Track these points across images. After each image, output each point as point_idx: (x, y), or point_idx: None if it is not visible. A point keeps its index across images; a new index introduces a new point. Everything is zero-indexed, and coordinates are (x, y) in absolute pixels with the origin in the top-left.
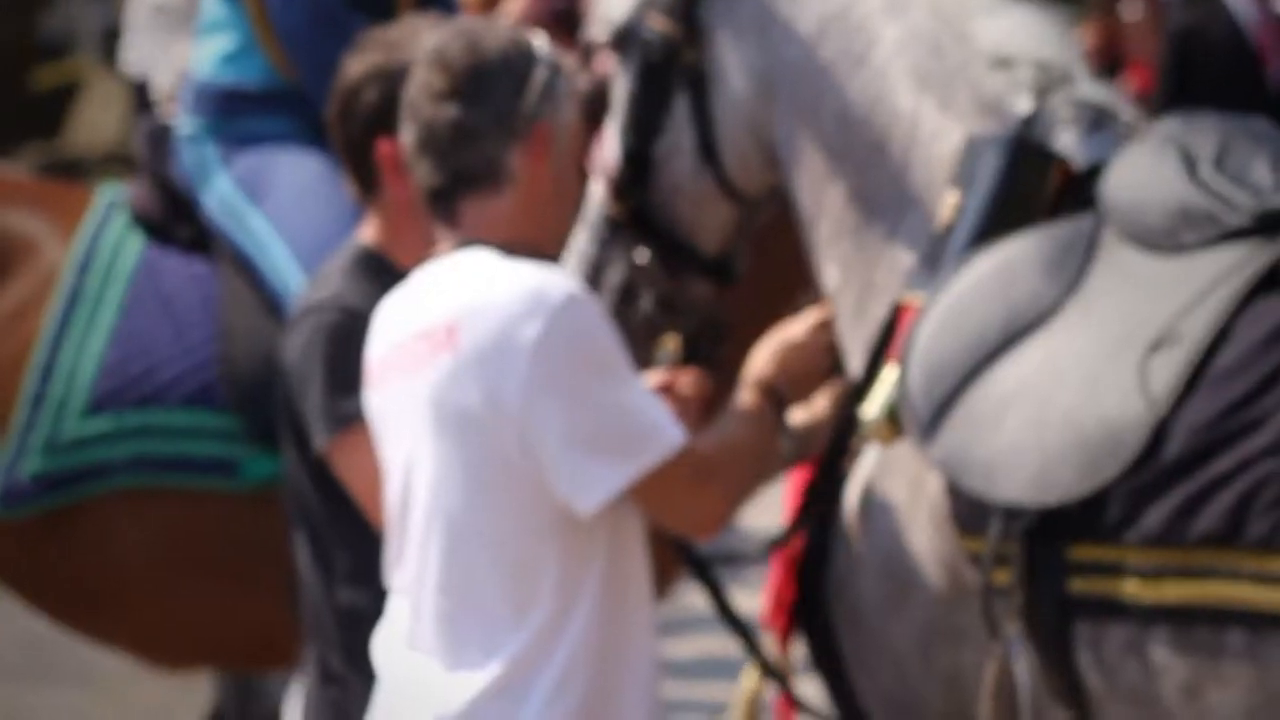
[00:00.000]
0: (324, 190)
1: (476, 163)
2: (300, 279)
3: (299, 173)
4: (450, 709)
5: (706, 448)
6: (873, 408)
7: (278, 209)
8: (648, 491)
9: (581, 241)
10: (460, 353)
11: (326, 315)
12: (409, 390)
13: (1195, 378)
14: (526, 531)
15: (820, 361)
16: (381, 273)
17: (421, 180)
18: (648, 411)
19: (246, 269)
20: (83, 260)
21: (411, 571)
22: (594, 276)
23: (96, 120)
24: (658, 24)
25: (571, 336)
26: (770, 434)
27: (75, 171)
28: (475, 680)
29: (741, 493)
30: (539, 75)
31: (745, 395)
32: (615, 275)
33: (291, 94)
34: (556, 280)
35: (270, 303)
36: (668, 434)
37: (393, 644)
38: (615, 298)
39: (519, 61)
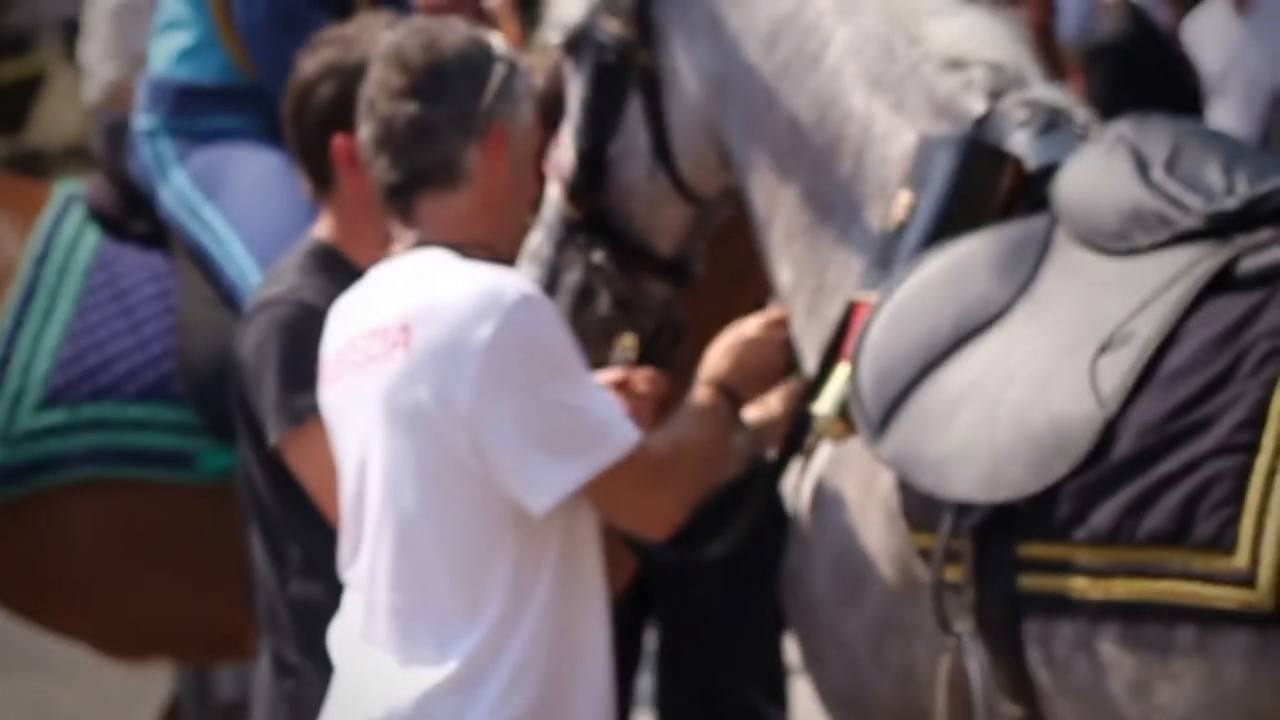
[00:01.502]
0: (280, 186)
1: (434, 161)
2: (256, 274)
3: (255, 168)
4: (403, 704)
5: (660, 447)
6: (825, 405)
7: (234, 204)
8: (601, 491)
9: (538, 243)
10: (413, 351)
11: (281, 310)
12: (362, 387)
13: (1145, 378)
14: (478, 530)
15: (776, 359)
16: (336, 268)
17: (378, 177)
18: (601, 411)
19: (202, 264)
20: (39, 254)
21: (365, 566)
22: (551, 278)
23: (59, 114)
24: (611, 26)
25: (524, 337)
26: (724, 432)
27: (37, 164)
28: (428, 676)
29: (695, 491)
30: (497, 74)
31: (700, 393)
32: (572, 276)
33: (248, 90)
34: (510, 281)
35: (226, 297)
36: (621, 434)
37: (346, 638)
38: (572, 299)
39: (477, 60)
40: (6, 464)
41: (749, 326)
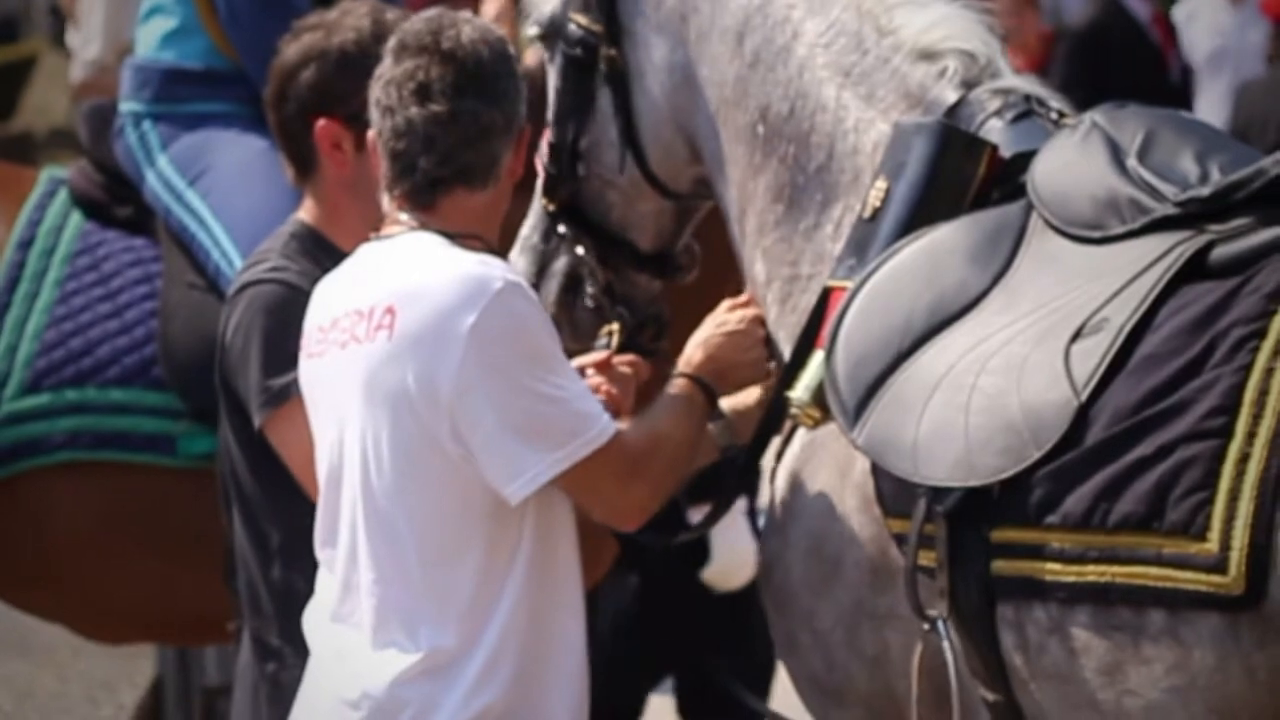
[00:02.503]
0: (263, 169)
1: (482, 160)
2: (239, 257)
3: (239, 152)
4: (377, 686)
5: (635, 439)
6: (800, 392)
7: (218, 188)
8: (576, 481)
9: (527, 232)
10: (397, 334)
11: (265, 291)
12: (344, 365)
13: (1119, 364)
14: (450, 516)
15: (753, 352)
16: (320, 250)
17: (422, 168)
18: (580, 402)
19: (185, 248)
20: (24, 238)
21: (342, 545)
22: (540, 266)
23: (47, 99)
24: (580, 20)
25: (506, 325)
26: (700, 423)
27: (25, 149)
28: (401, 660)
29: (669, 483)
30: (518, 70)
31: (675, 384)
32: (559, 265)
33: (233, 73)
34: (495, 269)
35: (209, 281)
36: (598, 425)
37: (321, 619)
38: (559, 288)
39: (511, 59)
40: None
41: (726, 319)
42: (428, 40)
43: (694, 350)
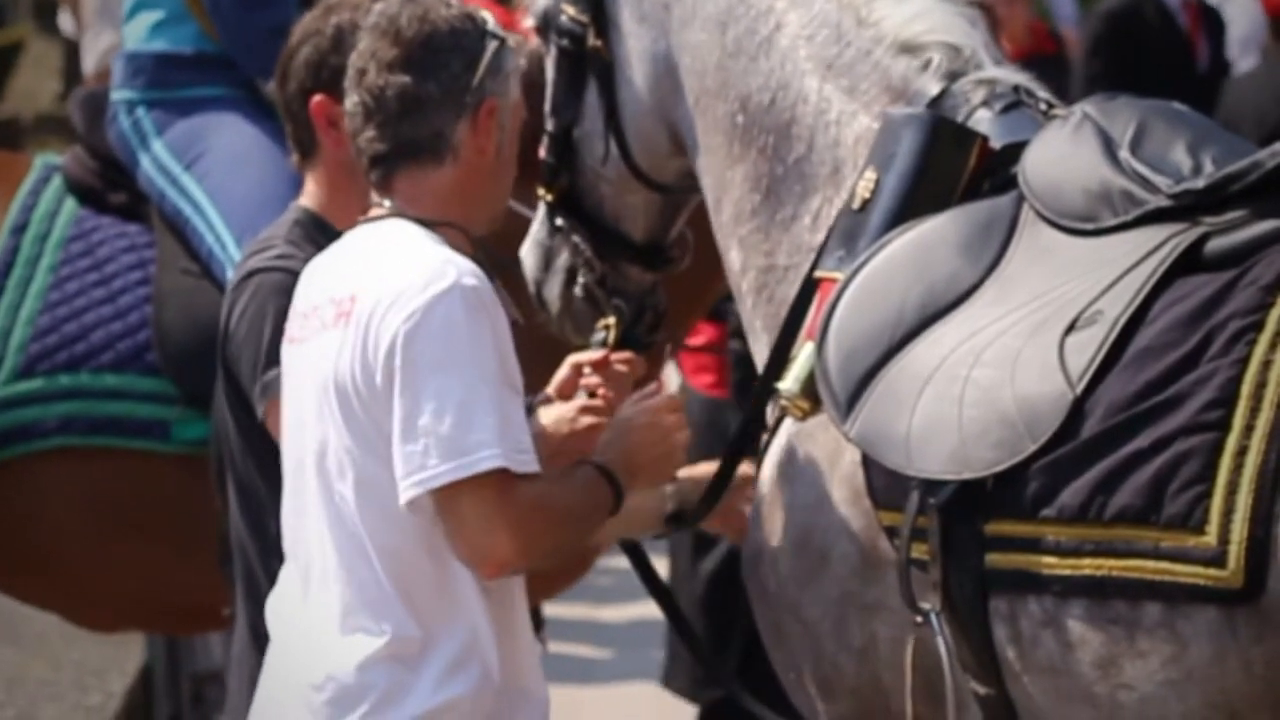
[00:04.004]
0: (259, 154)
1: (423, 134)
2: (234, 243)
3: (234, 137)
4: (343, 669)
5: (524, 491)
6: (788, 383)
7: (212, 173)
8: (445, 504)
9: (535, 226)
10: (352, 324)
11: (271, 279)
12: (311, 352)
13: (1114, 357)
14: (394, 513)
15: (669, 447)
16: (324, 236)
17: (363, 146)
18: (488, 424)
19: (180, 232)
20: (18, 224)
21: (310, 532)
22: (545, 260)
23: (33, 84)
24: (569, 10)
25: (443, 324)
26: (597, 509)
27: (11, 134)
28: (369, 644)
29: (541, 549)
30: (489, 50)
31: (583, 470)
32: (562, 259)
33: (225, 57)
34: (454, 268)
35: (202, 267)
36: (485, 456)
37: (284, 607)
38: (562, 284)
39: (470, 36)
40: None
41: (640, 414)
42: (385, 22)
43: (608, 440)
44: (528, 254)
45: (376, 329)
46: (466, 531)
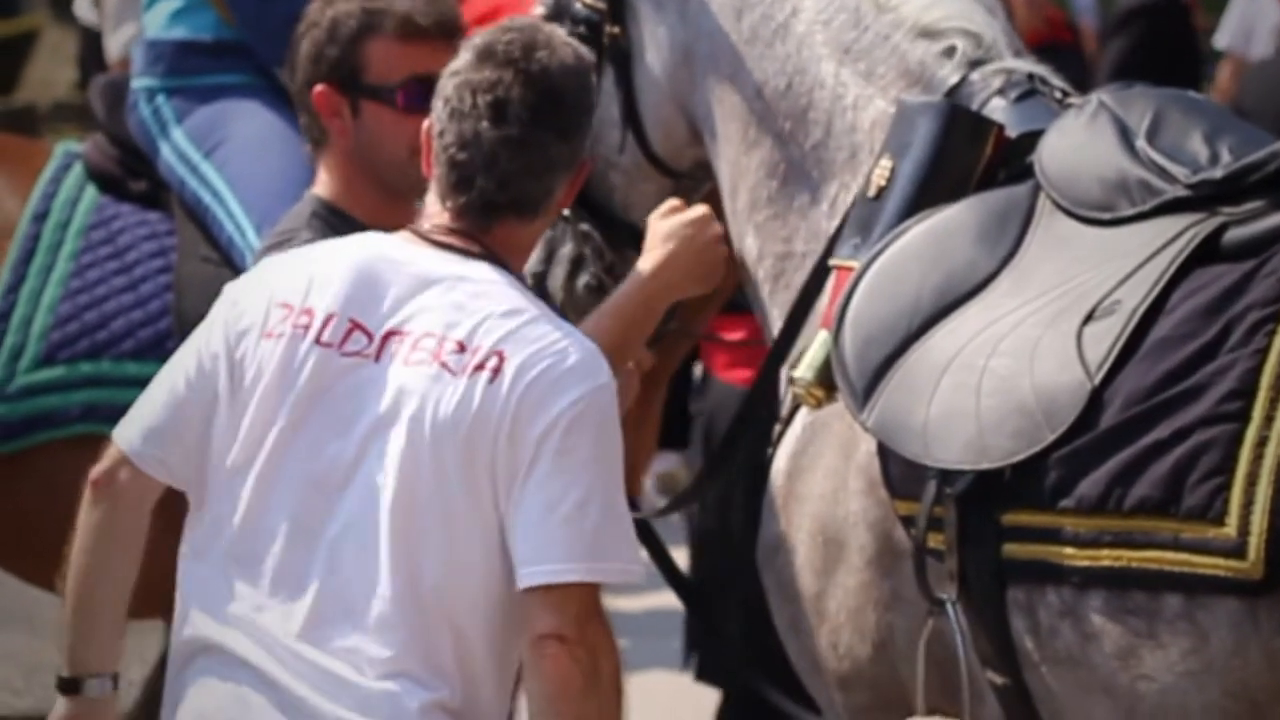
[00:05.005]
0: (278, 142)
1: (538, 192)
2: (253, 230)
3: (254, 125)
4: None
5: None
6: (803, 370)
7: (232, 161)
8: (556, 596)
9: None
10: (506, 382)
11: None
12: (400, 379)
13: (1132, 347)
14: (482, 586)
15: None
16: (344, 226)
17: (468, 185)
18: (624, 534)
19: (200, 220)
20: (39, 211)
21: (350, 566)
22: (548, 252)
23: (49, 73)
24: None
25: (603, 419)
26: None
27: (27, 122)
28: (419, 694)
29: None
30: (595, 102)
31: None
32: (566, 250)
33: (245, 44)
34: (604, 360)
35: (222, 255)
36: (619, 568)
37: (264, 633)
38: (566, 270)
39: (592, 91)
40: (3, 419)
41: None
42: (517, 54)
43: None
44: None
45: (535, 403)
46: (560, 623)
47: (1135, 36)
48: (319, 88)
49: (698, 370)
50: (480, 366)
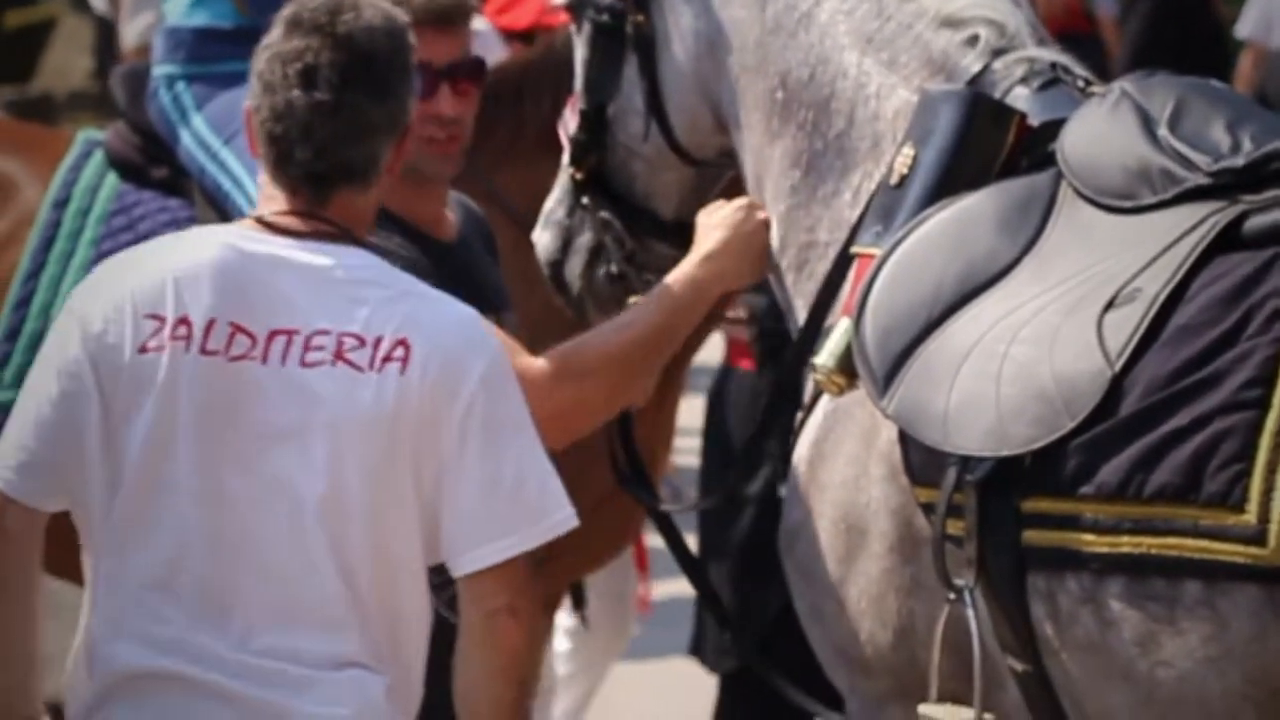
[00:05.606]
0: None
1: (361, 158)
2: None
3: None
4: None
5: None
6: (824, 358)
7: (249, 149)
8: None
9: (551, 206)
10: (412, 370)
11: None
12: (312, 382)
13: (1152, 334)
14: (415, 568)
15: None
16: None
17: (288, 159)
18: (557, 487)
19: (220, 207)
20: (60, 198)
21: (287, 569)
22: (564, 240)
23: (66, 61)
24: None
25: (511, 384)
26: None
27: (45, 110)
28: (377, 682)
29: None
30: (413, 62)
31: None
32: (584, 239)
33: (265, 31)
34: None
35: None
36: (562, 519)
37: (200, 651)
38: (584, 259)
39: (408, 52)
40: None
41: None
42: (323, 19)
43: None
44: (542, 234)
45: (448, 384)
46: (510, 598)
47: (1151, 20)
48: None
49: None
50: (388, 359)
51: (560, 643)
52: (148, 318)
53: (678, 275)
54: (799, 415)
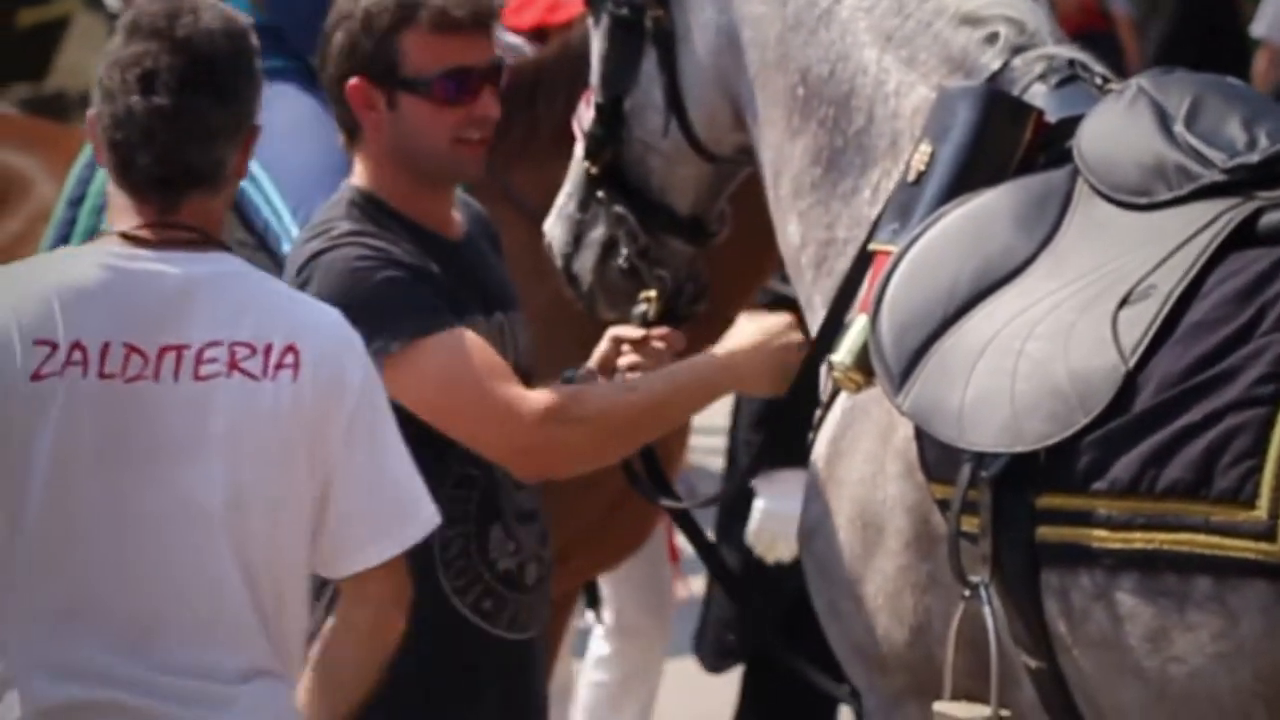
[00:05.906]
0: (314, 126)
1: (206, 163)
2: (289, 214)
3: (289, 109)
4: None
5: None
6: (842, 355)
7: (268, 145)
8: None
9: (563, 200)
10: (303, 376)
11: (343, 254)
12: (206, 396)
13: (1167, 331)
14: (301, 564)
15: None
16: (382, 215)
17: (130, 165)
18: (421, 484)
19: (236, 204)
20: (74, 196)
21: (199, 578)
22: (576, 234)
23: (80, 59)
24: None
25: (378, 384)
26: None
27: (59, 108)
28: (283, 690)
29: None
30: (258, 64)
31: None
32: (597, 233)
33: (280, 29)
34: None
35: (258, 239)
36: (429, 516)
37: (113, 668)
38: (597, 254)
39: (251, 54)
40: None
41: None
42: (161, 24)
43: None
44: (554, 228)
45: (334, 388)
46: (393, 592)
47: (1177, 19)
48: (353, 81)
49: None
50: (280, 365)
51: (599, 647)
52: (37, 344)
53: (695, 363)
54: (817, 412)
